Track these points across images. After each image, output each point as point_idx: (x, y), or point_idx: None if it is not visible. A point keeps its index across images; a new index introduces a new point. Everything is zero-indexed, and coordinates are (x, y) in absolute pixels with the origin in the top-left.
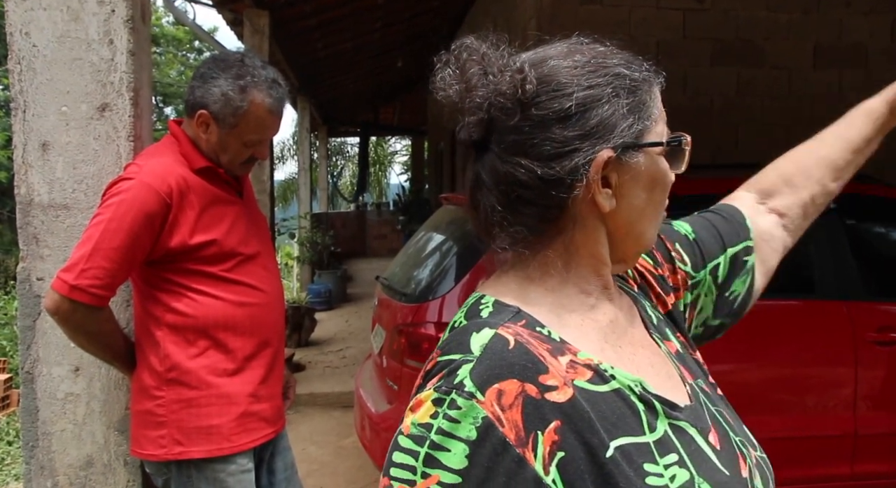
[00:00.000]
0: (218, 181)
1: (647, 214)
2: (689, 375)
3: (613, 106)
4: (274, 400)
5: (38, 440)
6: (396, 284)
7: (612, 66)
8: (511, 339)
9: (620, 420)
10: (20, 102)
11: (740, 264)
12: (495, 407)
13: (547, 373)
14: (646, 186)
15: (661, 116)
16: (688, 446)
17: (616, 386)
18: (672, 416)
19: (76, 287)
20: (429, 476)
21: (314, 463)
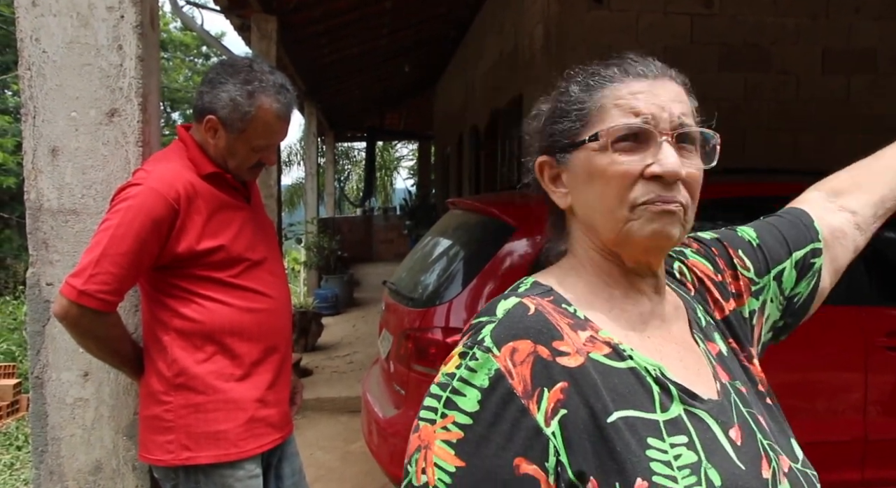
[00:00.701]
0: (226, 187)
1: (595, 206)
2: (726, 375)
3: (545, 117)
4: (281, 406)
5: (47, 445)
6: (403, 289)
7: (563, 85)
8: (532, 307)
9: (631, 394)
10: (30, 108)
11: (807, 266)
12: (508, 362)
13: (561, 340)
14: (585, 181)
15: (616, 113)
16: (702, 433)
17: (632, 365)
18: (689, 403)
19: (84, 292)
20: (446, 416)
21: (322, 469)
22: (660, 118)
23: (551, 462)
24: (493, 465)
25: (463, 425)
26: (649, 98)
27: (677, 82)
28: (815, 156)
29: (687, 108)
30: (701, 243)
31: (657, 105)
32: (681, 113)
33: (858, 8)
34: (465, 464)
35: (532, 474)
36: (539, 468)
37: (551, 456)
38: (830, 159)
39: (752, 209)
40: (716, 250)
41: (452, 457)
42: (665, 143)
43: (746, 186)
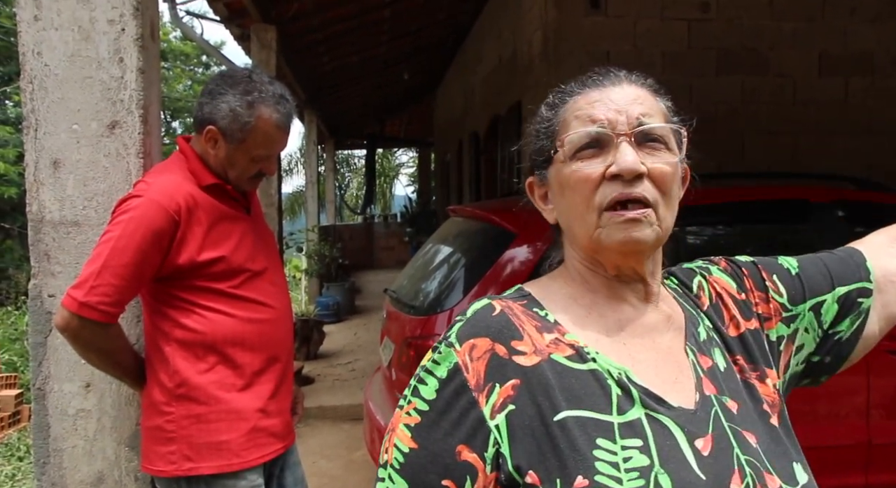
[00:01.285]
0: (226, 198)
1: (570, 215)
2: (713, 389)
3: (528, 138)
4: (283, 416)
5: (49, 456)
6: (405, 297)
7: (539, 109)
8: (498, 308)
9: (587, 395)
10: (32, 121)
11: (851, 304)
12: (466, 357)
13: (520, 340)
14: (559, 192)
15: (575, 123)
16: (661, 438)
17: (594, 367)
18: (651, 408)
19: (85, 304)
20: (410, 402)
21: (324, 477)
22: (617, 121)
23: (490, 452)
24: (440, 449)
25: (421, 411)
26: (605, 104)
27: (639, 85)
28: (814, 159)
29: (650, 109)
30: (731, 263)
31: (614, 109)
32: (640, 113)
33: (854, 10)
34: (418, 447)
35: (471, 461)
36: (478, 457)
37: (490, 447)
38: (829, 162)
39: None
40: (746, 270)
41: (409, 440)
42: (623, 144)
43: (747, 190)
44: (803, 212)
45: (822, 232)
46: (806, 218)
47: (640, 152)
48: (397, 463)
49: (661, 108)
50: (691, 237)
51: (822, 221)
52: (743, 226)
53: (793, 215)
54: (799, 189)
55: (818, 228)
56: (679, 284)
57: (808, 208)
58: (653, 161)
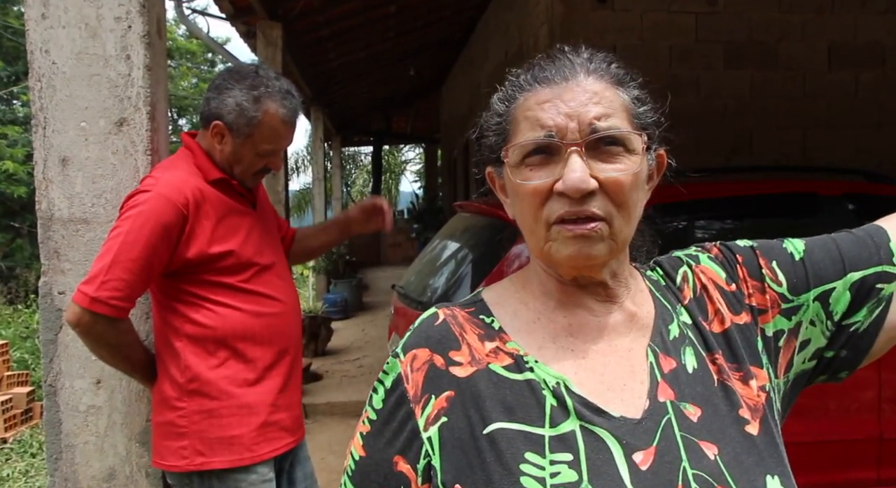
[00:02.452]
0: (232, 192)
1: (521, 223)
2: (671, 394)
3: (483, 130)
4: (293, 410)
5: (61, 452)
6: (412, 293)
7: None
8: (441, 317)
9: (520, 408)
10: (40, 119)
11: (868, 291)
12: (407, 368)
13: (458, 350)
14: (512, 195)
15: (526, 125)
16: (594, 453)
17: (530, 377)
18: (588, 419)
19: (96, 299)
20: (366, 410)
21: (333, 473)
22: (567, 128)
23: (421, 464)
24: (381, 458)
25: (370, 420)
26: (555, 107)
27: (598, 76)
28: (825, 153)
29: (608, 107)
30: (725, 249)
31: (564, 114)
32: (595, 116)
33: (864, 2)
34: (365, 454)
35: (405, 472)
36: (411, 468)
37: (422, 459)
38: (840, 156)
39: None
40: (741, 257)
41: (360, 447)
42: (573, 156)
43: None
44: (813, 206)
45: (832, 226)
46: (816, 211)
47: (593, 161)
48: (350, 469)
49: (623, 103)
50: (700, 231)
51: (832, 215)
52: (752, 221)
53: (802, 209)
54: (808, 182)
55: (828, 222)
56: (664, 276)
57: (817, 202)
58: (608, 170)
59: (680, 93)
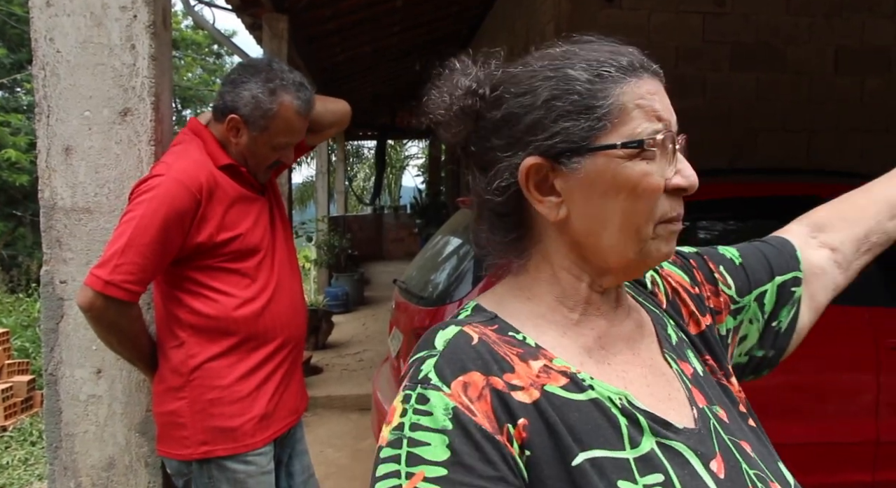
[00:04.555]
0: (241, 179)
1: (615, 223)
2: (703, 399)
3: (542, 110)
4: (293, 399)
5: (61, 441)
6: (414, 288)
7: (560, 67)
8: (475, 336)
9: (595, 431)
10: (44, 107)
11: (787, 294)
12: (463, 398)
13: (512, 373)
14: (604, 193)
15: (638, 114)
16: (680, 468)
17: (594, 395)
18: (662, 435)
19: (110, 282)
20: (413, 474)
21: (332, 466)
22: (671, 124)
23: None
24: None
25: (437, 478)
26: (662, 100)
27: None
28: (830, 156)
29: None
30: (679, 255)
31: (668, 108)
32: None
33: (872, 5)
34: None
35: None
36: None
37: None
38: (846, 160)
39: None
40: (694, 262)
41: None
42: (680, 153)
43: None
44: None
45: None
46: None
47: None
48: None
49: None
50: (702, 232)
51: None
52: (753, 222)
53: (803, 211)
54: (810, 185)
55: None
56: (632, 283)
57: (818, 204)
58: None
59: (686, 93)
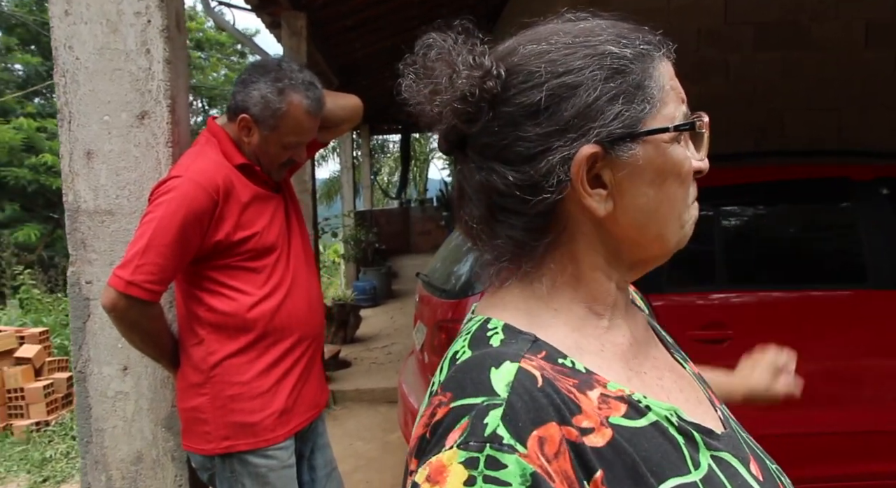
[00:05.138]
0: (256, 178)
1: (663, 213)
2: (716, 399)
3: (595, 92)
4: (314, 392)
5: (91, 436)
6: (436, 280)
7: (597, 44)
8: (538, 375)
9: (664, 458)
10: (66, 113)
11: None
12: (541, 460)
13: (581, 414)
14: (652, 181)
15: (672, 95)
16: (734, 480)
17: (653, 418)
18: (713, 447)
19: (132, 282)
20: None
21: (361, 459)
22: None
23: None
24: None
25: None
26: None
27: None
28: (860, 135)
29: None
30: None
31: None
32: None
33: None
34: None
35: None
36: None
37: None
38: (877, 139)
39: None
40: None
41: None
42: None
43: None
44: (845, 191)
45: (864, 211)
46: (848, 196)
47: None
48: None
49: None
50: (727, 219)
51: (866, 200)
52: (781, 207)
53: (834, 194)
54: (840, 166)
55: (861, 207)
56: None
57: (849, 186)
58: None
59: (708, 76)
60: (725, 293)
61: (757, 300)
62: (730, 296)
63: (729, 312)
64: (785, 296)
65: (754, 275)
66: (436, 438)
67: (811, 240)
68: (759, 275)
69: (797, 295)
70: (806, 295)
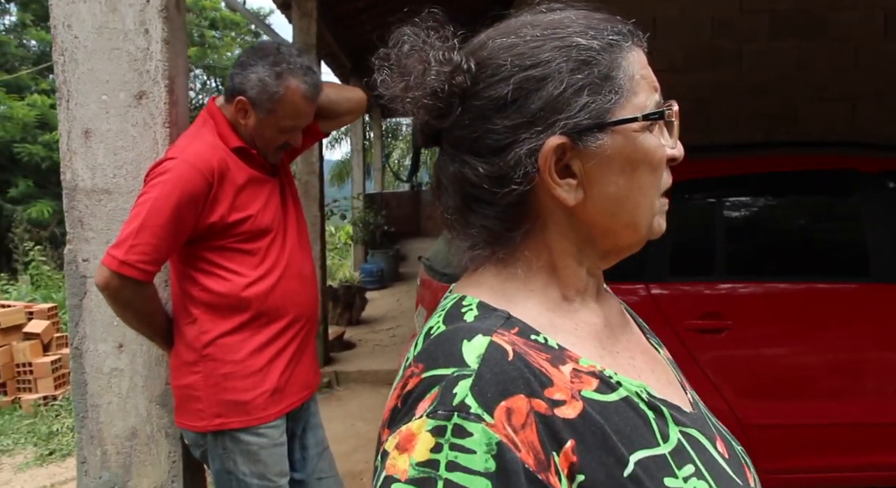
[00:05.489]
0: (252, 161)
1: (633, 201)
2: (685, 382)
3: (561, 85)
4: (306, 373)
5: (87, 411)
6: (438, 264)
7: (565, 36)
8: (509, 349)
9: (634, 431)
10: (64, 92)
11: None
12: (507, 430)
13: (552, 386)
14: (622, 170)
15: (643, 85)
16: (701, 454)
17: (624, 393)
18: (681, 423)
19: (125, 262)
20: None
21: (362, 439)
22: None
23: None
24: None
25: None
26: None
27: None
28: (875, 128)
29: None
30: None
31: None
32: None
33: None
34: None
35: None
36: None
37: None
38: (893, 129)
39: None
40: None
41: None
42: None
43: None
44: (850, 183)
45: (870, 203)
46: (854, 189)
47: None
48: None
49: None
50: (729, 210)
51: (871, 192)
52: (785, 198)
53: (839, 186)
54: (846, 158)
55: (866, 200)
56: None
57: (855, 178)
58: None
59: (721, 65)
60: (726, 283)
61: (758, 291)
62: (729, 287)
63: (728, 302)
64: (786, 287)
65: (756, 265)
66: (406, 407)
67: (814, 231)
68: (760, 266)
69: (799, 287)
70: (808, 287)
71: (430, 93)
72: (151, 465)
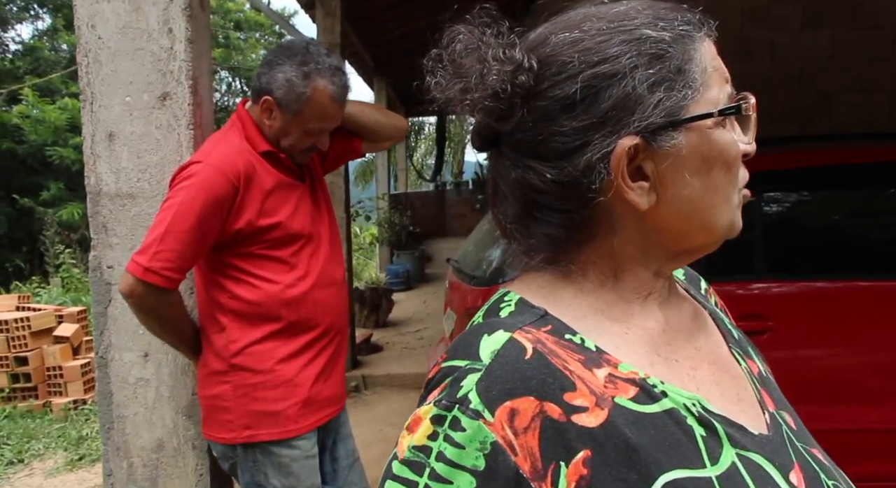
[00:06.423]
0: (280, 165)
1: (709, 202)
2: (771, 402)
3: (633, 81)
4: (336, 385)
5: (113, 422)
6: (467, 267)
7: (633, 28)
8: (529, 347)
9: (673, 447)
10: (88, 94)
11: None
12: (506, 431)
13: (574, 391)
14: (697, 170)
15: (716, 77)
16: (762, 483)
17: (669, 405)
18: (740, 445)
19: (149, 269)
20: None
21: (390, 444)
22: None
23: None
24: None
25: None
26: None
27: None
28: None
29: None
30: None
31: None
32: None
33: None
34: None
35: None
36: None
37: None
38: None
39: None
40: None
41: None
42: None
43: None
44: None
45: None
46: None
47: None
48: None
49: None
50: (770, 205)
51: None
52: (829, 192)
53: (885, 179)
54: (892, 150)
55: None
56: (687, 280)
57: None
58: None
59: (752, 56)
60: (766, 283)
61: (800, 291)
62: (771, 286)
63: (769, 303)
64: (829, 286)
65: (798, 264)
66: (425, 393)
67: (859, 227)
68: (802, 265)
69: (842, 285)
70: (849, 285)
71: (490, 94)
72: (178, 478)
